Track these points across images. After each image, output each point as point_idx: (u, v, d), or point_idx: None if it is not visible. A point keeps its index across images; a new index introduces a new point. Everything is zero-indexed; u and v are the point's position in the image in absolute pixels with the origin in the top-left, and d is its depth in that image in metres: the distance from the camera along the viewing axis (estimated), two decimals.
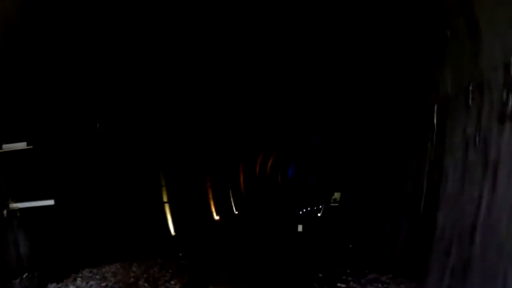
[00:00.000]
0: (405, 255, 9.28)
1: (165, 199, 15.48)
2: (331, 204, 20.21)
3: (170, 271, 9.49)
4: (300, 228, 19.33)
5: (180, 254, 11.98)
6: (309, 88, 22.14)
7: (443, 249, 7.34)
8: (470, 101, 6.14)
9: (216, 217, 24.02)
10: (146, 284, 8.08)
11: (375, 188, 13.87)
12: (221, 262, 11.44)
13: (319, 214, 31.43)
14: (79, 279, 8.12)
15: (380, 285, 8.42)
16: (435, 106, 8.35)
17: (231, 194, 30.66)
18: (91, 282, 7.96)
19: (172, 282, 8.41)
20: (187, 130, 19.67)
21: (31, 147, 6.63)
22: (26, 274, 6.76)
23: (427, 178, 8.47)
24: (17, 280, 6.48)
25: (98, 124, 10.36)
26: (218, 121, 25.86)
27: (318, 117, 26.85)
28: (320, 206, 43.54)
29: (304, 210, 38.18)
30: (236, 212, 30.50)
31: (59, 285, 7.53)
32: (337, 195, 20.09)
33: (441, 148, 7.97)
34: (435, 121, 8.31)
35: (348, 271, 9.95)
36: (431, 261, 7.53)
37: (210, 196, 24.24)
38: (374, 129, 14.41)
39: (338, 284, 8.72)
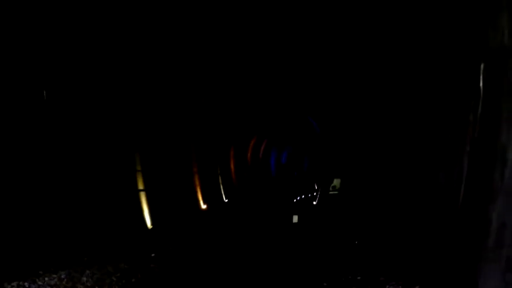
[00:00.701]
0: (433, 257, 7.28)
1: (140, 186, 13.36)
2: (330, 193, 18.14)
3: (133, 280, 7.38)
4: (295, 219, 17.30)
5: (152, 255, 9.87)
6: (306, 63, 20.08)
7: (500, 255, 5.38)
8: None
9: (203, 206, 21.95)
10: None
11: (387, 173, 11.81)
12: (204, 263, 9.40)
13: (314, 203, 29.45)
14: None
15: None
16: (482, 65, 6.27)
17: (220, 181, 28.61)
18: None
19: None
20: (170, 108, 17.50)
21: None
22: None
23: (469, 161, 6.42)
24: None
25: (44, 92, 8.18)
26: (206, 101, 23.69)
27: (316, 93, 24.75)
28: (315, 194, 41.80)
29: (299, 198, 36.23)
30: (226, 200, 28.49)
31: None
32: (336, 182, 18.02)
33: (491, 120, 5.91)
34: (481, 84, 6.21)
35: (359, 278, 7.94)
36: (482, 271, 5.54)
37: (197, 183, 22.14)
38: (385, 92, 12.19)
39: None
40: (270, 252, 11.49)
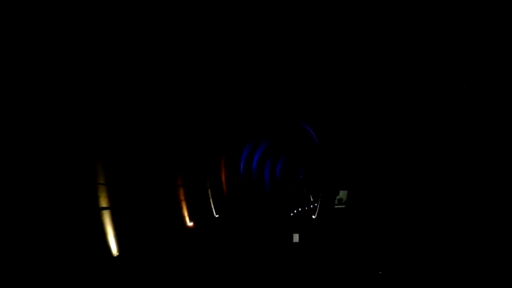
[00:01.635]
0: None
1: (103, 203, 10.64)
2: (336, 206, 15.50)
3: None
4: (296, 238, 14.63)
5: None
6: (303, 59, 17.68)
7: None
8: None
9: (189, 224, 19.22)
10: None
11: (409, 183, 9.30)
12: None
13: (314, 216, 26.74)
14: None
15: None
16: None
17: (210, 194, 25.88)
18: None
19: None
20: (147, 109, 14.87)
21: None
22: None
23: None
24: None
25: None
26: (193, 105, 21.07)
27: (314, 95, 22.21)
28: (312, 206, 38.98)
29: (295, 211, 33.53)
30: (217, 216, 25.73)
31: None
32: (342, 194, 15.40)
33: None
34: None
35: None
36: None
37: (182, 197, 19.42)
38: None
39: None
40: (266, 280, 8.91)
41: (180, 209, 18.55)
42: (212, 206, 25.88)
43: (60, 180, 8.96)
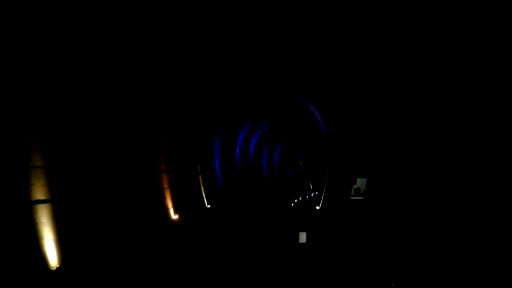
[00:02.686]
0: None
1: (39, 195, 7.61)
2: (352, 198, 12.51)
3: None
4: (303, 237, 11.69)
5: None
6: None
7: None
8: None
9: (174, 217, 16.24)
10: None
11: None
12: None
13: (318, 207, 23.80)
14: None
15: None
16: None
17: (201, 182, 22.90)
18: None
19: None
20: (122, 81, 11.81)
21: None
22: None
23: None
24: None
25: None
26: (183, 76, 18.00)
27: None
28: (313, 195, 36.03)
29: (296, 200, 30.64)
30: (209, 206, 22.78)
31: None
32: (360, 183, 12.41)
33: None
34: None
35: None
36: None
37: (166, 185, 16.40)
38: None
39: None
40: None
41: (163, 199, 15.53)
42: (204, 195, 22.88)
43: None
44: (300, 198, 32.17)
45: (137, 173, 13.06)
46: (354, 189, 12.36)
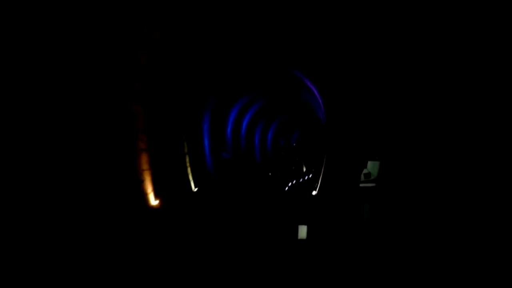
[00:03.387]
0: None
1: None
2: (361, 185, 10.55)
3: None
4: (303, 232, 9.77)
5: None
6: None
7: None
8: None
9: (154, 203, 14.24)
10: None
11: None
12: None
13: (314, 192, 21.90)
14: None
15: None
16: None
17: (188, 163, 20.87)
18: None
19: None
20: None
21: None
22: None
23: None
24: None
25: None
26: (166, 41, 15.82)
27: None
28: (307, 178, 34.18)
29: (290, 184, 28.77)
30: (195, 190, 20.80)
31: None
32: (372, 167, 10.45)
33: None
34: None
35: None
36: None
37: (145, 166, 14.36)
38: None
39: None
40: None
41: (140, 183, 13.49)
42: (191, 178, 20.85)
43: None
44: (294, 182, 30.31)
45: (104, 153, 10.99)
46: (364, 174, 10.39)
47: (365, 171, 10.42)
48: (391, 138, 10.04)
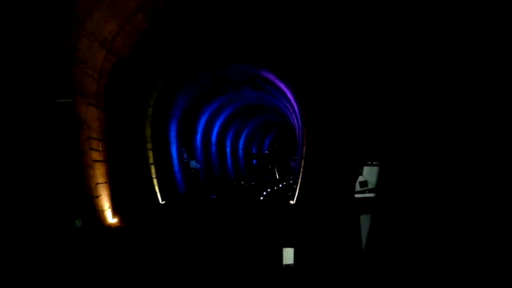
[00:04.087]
0: None
1: None
2: (357, 195, 8.85)
3: None
4: (288, 256, 8.01)
5: None
6: None
7: None
8: None
9: (111, 221, 12.21)
10: None
11: None
12: None
13: (291, 202, 20.22)
14: None
15: None
16: None
17: (154, 173, 18.79)
18: None
19: None
20: None
21: None
22: None
23: None
24: None
25: None
26: None
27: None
28: (281, 185, 32.44)
29: (264, 193, 27.04)
30: (163, 203, 18.72)
31: None
32: (369, 172, 8.78)
33: None
34: None
35: None
36: None
37: (100, 179, 12.34)
38: None
39: None
40: None
41: (92, 199, 11.45)
42: (157, 190, 18.83)
43: None
44: (269, 190, 28.61)
45: (50, 166, 8.98)
46: (360, 182, 8.71)
47: (360, 179, 8.73)
48: (394, 136, 8.44)
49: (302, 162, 20.58)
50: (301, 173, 20.76)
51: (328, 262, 8.23)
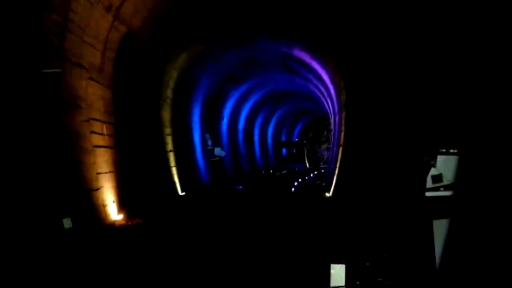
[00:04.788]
0: None
1: None
2: (428, 193, 6.64)
3: None
4: (339, 275, 5.81)
5: None
6: None
7: None
8: None
9: (116, 217, 10.30)
10: None
11: None
12: None
13: (327, 194, 18.04)
14: None
15: None
16: None
17: (174, 162, 16.80)
18: None
19: None
20: None
21: None
22: None
23: None
24: None
25: None
26: None
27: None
28: (312, 175, 30.11)
29: (296, 183, 24.81)
30: (183, 194, 16.72)
31: None
32: (444, 165, 6.54)
33: None
34: None
35: None
36: None
37: (105, 168, 10.43)
38: None
39: None
40: None
41: (91, 192, 9.50)
42: (176, 179, 16.86)
43: None
44: (300, 180, 26.43)
45: (30, 151, 7.02)
46: (433, 176, 6.48)
47: (433, 172, 6.47)
48: (481, 115, 6.13)
49: (340, 150, 18.33)
50: (338, 163, 18.50)
51: (390, 284, 6.04)
